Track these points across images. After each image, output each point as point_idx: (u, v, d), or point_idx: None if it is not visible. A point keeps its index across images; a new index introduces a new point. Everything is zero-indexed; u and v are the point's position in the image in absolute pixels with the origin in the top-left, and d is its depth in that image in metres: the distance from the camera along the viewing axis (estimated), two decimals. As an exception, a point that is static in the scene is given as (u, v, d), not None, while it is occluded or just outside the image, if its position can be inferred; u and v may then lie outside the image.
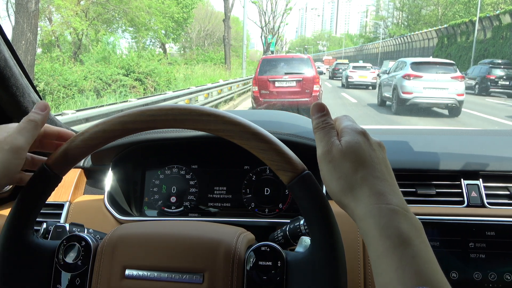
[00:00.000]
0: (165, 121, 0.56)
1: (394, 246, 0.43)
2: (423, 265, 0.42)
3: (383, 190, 0.47)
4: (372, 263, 0.45)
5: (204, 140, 1.01)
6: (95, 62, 14.65)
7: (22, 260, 0.58)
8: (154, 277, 0.58)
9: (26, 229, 0.58)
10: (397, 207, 0.46)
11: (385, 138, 1.17)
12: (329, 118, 0.54)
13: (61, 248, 0.60)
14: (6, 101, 0.90)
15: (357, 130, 0.52)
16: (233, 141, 0.56)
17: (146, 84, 12.71)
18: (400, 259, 0.42)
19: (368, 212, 0.46)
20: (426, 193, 0.95)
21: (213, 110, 0.56)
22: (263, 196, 1.02)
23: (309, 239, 0.63)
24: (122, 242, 0.61)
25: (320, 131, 0.53)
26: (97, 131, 0.57)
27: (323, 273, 0.53)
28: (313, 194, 0.54)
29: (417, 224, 0.46)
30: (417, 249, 0.43)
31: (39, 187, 0.58)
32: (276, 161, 0.55)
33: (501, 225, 0.89)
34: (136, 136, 0.99)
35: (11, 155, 0.54)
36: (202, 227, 0.65)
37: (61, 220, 0.97)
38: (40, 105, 0.60)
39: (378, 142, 0.53)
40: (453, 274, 0.88)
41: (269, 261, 0.58)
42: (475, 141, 1.19)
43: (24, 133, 0.56)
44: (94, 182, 1.09)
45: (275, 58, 10.79)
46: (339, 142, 0.51)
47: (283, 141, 0.58)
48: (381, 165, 0.50)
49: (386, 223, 0.45)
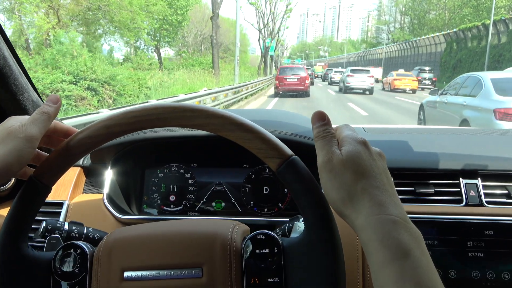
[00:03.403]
0: (149, 121, 0.57)
1: (394, 257, 0.44)
2: (423, 276, 0.42)
3: (383, 201, 0.48)
4: (372, 274, 0.46)
5: (203, 139, 1.02)
6: (44, 67, 11.72)
7: (19, 275, 0.58)
8: (153, 276, 0.58)
9: (20, 243, 0.58)
10: (397, 218, 0.46)
11: (384, 137, 1.20)
12: (329, 127, 0.55)
13: (57, 258, 0.60)
14: (5, 100, 0.91)
15: (358, 139, 0.53)
16: (219, 134, 0.57)
17: (102, 94, 9.77)
18: (400, 271, 0.43)
19: (369, 223, 0.46)
20: (425, 192, 0.96)
21: (196, 106, 0.57)
22: (262, 194, 1.03)
23: (303, 224, 0.65)
24: (118, 245, 0.61)
25: (321, 140, 0.54)
26: (82, 137, 0.58)
27: (320, 253, 0.54)
28: (302, 177, 0.55)
29: (417, 234, 0.46)
30: (417, 260, 0.43)
31: (29, 200, 0.58)
32: (263, 149, 0.56)
33: (499, 224, 0.90)
34: (135, 134, 1.00)
35: (24, 143, 0.56)
36: (196, 223, 0.67)
37: (60, 218, 0.97)
38: (52, 98, 0.62)
39: (379, 152, 0.54)
40: (452, 273, 0.89)
41: (266, 248, 0.59)
42: (474, 140, 1.20)
43: (37, 124, 0.58)
44: (93, 181, 1.09)
45: (287, 66, 21.22)
46: (339, 151, 0.52)
47: (283, 140, 0.59)
48: (381, 175, 0.51)
49: (387, 234, 0.45)
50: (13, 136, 0.56)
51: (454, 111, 6.75)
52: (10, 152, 0.55)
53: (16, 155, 0.55)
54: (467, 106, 6.32)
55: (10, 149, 0.55)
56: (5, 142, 0.55)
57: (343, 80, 24.08)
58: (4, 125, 0.57)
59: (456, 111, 6.66)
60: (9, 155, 0.54)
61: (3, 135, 0.56)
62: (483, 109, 5.83)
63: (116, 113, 0.58)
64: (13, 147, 0.55)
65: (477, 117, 6.01)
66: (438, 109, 7.57)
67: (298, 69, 20.07)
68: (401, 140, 1.11)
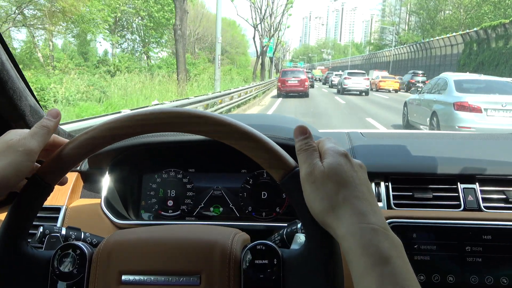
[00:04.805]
0: (154, 125, 0.58)
1: (374, 264, 0.45)
2: (403, 282, 0.44)
3: (364, 210, 0.49)
4: (354, 282, 0.47)
5: (201, 144, 1.03)
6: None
7: (17, 272, 0.59)
8: (151, 281, 0.58)
9: (20, 240, 0.59)
10: (377, 226, 0.48)
11: (382, 142, 1.21)
12: (311, 140, 0.57)
13: (56, 258, 0.61)
14: (3, 104, 0.91)
15: (339, 152, 0.55)
16: (223, 141, 0.57)
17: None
18: (380, 277, 0.44)
19: (350, 231, 0.48)
20: (423, 197, 0.97)
21: (202, 112, 0.58)
22: (260, 200, 1.04)
23: (303, 236, 0.66)
24: (117, 248, 0.61)
25: (303, 153, 0.56)
26: (87, 138, 0.59)
27: (319, 268, 0.55)
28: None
29: (397, 242, 0.48)
30: (397, 266, 0.45)
31: (32, 197, 0.59)
32: (267, 159, 0.57)
33: (498, 229, 0.91)
34: (133, 139, 1.01)
35: (24, 157, 0.57)
36: (196, 229, 0.67)
37: (58, 223, 0.97)
38: (53, 112, 0.63)
39: (359, 164, 0.56)
40: (450, 278, 0.90)
41: (265, 259, 0.59)
42: (472, 145, 1.21)
43: (36, 138, 0.59)
44: (91, 186, 1.10)
45: (288, 70, 23.52)
46: (321, 163, 0.54)
47: (281, 144, 0.59)
48: (362, 186, 0.53)
49: (367, 242, 0.47)
50: (12, 149, 0.57)
51: (427, 106, 8.63)
52: (9, 165, 0.56)
53: (15, 168, 0.56)
54: (436, 101, 8.27)
55: (9, 162, 0.56)
56: (4, 155, 0.56)
57: (340, 82, 25.91)
58: (4, 138, 0.59)
59: (429, 105, 8.55)
60: (8, 168, 0.56)
61: (3, 148, 0.57)
62: (446, 102, 7.77)
63: (121, 116, 0.59)
64: (12, 160, 0.56)
65: (442, 109, 7.94)
66: (417, 105, 9.42)
67: (299, 72, 22.77)
68: (399, 145, 1.12)
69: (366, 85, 23.92)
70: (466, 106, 7.27)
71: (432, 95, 8.56)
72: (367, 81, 24.25)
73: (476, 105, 7.21)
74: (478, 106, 7.20)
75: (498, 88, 7.81)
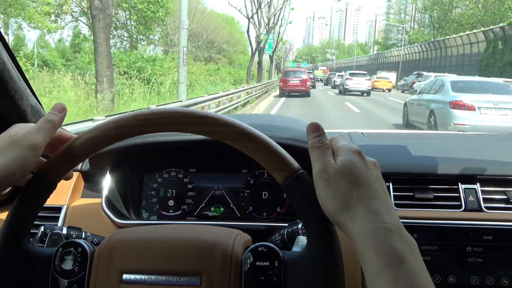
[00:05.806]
0: (158, 125, 0.59)
1: (388, 264, 0.45)
2: (418, 282, 0.44)
3: (378, 209, 0.49)
4: (368, 282, 0.47)
5: (202, 144, 1.03)
6: None
7: (19, 268, 0.60)
8: (152, 281, 0.59)
9: (22, 237, 0.59)
10: (391, 226, 0.48)
11: (383, 142, 1.22)
12: (324, 137, 0.57)
13: (57, 255, 0.62)
14: (4, 104, 0.91)
15: (353, 149, 0.55)
16: (226, 142, 0.58)
17: None
18: (394, 277, 0.44)
19: (364, 231, 0.48)
20: (423, 197, 0.97)
21: (207, 113, 0.59)
22: (261, 199, 1.04)
23: (305, 238, 0.67)
24: (119, 247, 0.62)
25: (315, 150, 0.55)
26: (91, 136, 0.59)
27: (321, 271, 0.55)
28: (308, 193, 0.56)
29: (411, 241, 0.48)
30: (412, 266, 0.45)
31: (35, 194, 0.59)
32: (270, 161, 0.57)
33: (499, 229, 0.91)
34: (134, 139, 1.01)
35: (29, 152, 0.57)
36: (198, 230, 0.67)
37: (59, 223, 0.98)
38: (58, 106, 0.63)
39: (373, 162, 0.56)
40: (451, 278, 0.91)
41: (267, 261, 0.59)
42: (473, 146, 1.22)
43: (42, 132, 0.59)
44: (92, 186, 1.10)
45: (290, 70, 24.59)
46: (334, 161, 0.53)
47: (282, 145, 0.60)
48: (376, 184, 0.52)
49: (381, 241, 0.46)
50: (17, 144, 0.57)
51: (425, 105, 9.29)
52: (14, 160, 0.56)
53: (20, 163, 0.56)
54: (433, 100, 8.93)
55: (14, 157, 0.56)
56: (10, 150, 0.56)
57: (342, 83, 26.80)
58: (9, 133, 0.59)
59: (427, 105, 9.21)
60: (13, 163, 0.56)
61: (8, 142, 0.57)
62: (443, 101, 8.38)
63: (126, 115, 0.59)
64: (17, 155, 0.56)
65: (439, 107, 8.56)
66: (416, 105, 10.16)
67: (300, 72, 23.68)
68: (400, 145, 1.13)
69: (368, 86, 24.69)
70: (461, 105, 7.87)
71: (430, 95, 9.26)
72: (369, 81, 25.00)
73: (470, 104, 7.82)
74: (472, 104, 7.80)
75: (491, 88, 8.44)
